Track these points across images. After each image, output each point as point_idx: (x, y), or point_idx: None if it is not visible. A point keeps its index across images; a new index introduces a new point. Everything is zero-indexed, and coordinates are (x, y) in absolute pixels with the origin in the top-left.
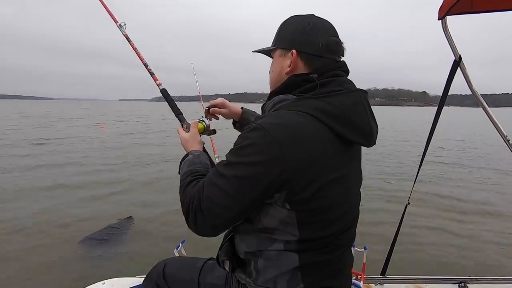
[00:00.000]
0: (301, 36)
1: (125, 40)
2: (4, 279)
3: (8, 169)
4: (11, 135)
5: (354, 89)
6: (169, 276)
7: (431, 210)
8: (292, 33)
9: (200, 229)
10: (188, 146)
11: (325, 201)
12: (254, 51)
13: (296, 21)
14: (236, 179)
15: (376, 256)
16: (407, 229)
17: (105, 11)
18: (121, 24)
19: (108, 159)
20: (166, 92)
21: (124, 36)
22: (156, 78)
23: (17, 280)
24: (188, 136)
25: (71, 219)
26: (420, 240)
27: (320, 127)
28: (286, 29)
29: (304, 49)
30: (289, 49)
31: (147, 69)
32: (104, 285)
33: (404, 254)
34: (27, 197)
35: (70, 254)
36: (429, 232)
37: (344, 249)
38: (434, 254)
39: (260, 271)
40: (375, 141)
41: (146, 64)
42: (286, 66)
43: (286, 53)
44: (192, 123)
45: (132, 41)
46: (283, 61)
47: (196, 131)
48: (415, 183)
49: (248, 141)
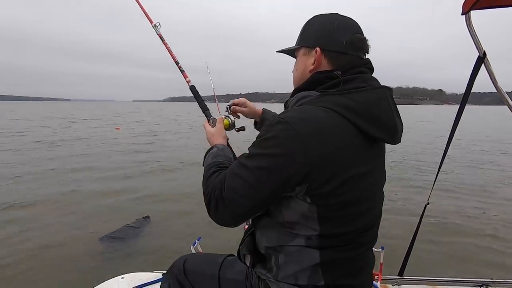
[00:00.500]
0: (325, 34)
1: (159, 39)
2: (30, 271)
3: (31, 172)
4: (33, 137)
5: (379, 86)
6: (190, 271)
7: (451, 209)
8: (316, 31)
9: (221, 218)
10: (213, 140)
11: (348, 196)
12: (278, 51)
13: (320, 19)
14: (258, 170)
15: (393, 256)
16: (426, 228)
17: (141, 11)
18: (156, 24)
19: (126, 161)
20: (195, 89)
21: (158, 36)
22: (186, 75)
23: (42, 273)
24: (213, 131)
25: (92, 219)
26: (439, 240)
27: (343, 123)
28: (310, 28)
29: (328, 46)
30: (313, 47)
31: (178, 66)
32: (123, 279)
33: (423, 254)
34: (51, 199)
35: (91, 251)
36: (449, 232)
37: (366, 248)
38: (454, 255)
39: (280, 266)
40: (400, 139)
41: (177, 61)
42: (310, 64)
43: (310, 51)
44: (218, 118)
45: (165, 40)
46: (307, 59)
47: (221, 126)
48: (435, 183)
49: (271, 133)
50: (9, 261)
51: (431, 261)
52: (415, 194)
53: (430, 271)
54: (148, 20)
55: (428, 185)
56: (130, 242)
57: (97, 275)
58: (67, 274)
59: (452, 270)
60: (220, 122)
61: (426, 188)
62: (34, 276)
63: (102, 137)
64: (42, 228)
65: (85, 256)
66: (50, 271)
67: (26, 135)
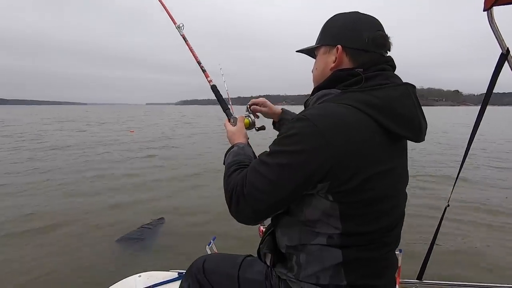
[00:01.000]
0: (346, 31)
1: (182, 40)
2: (50, 270)
3: (54, 174)
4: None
5: (401, 83)
6: (209, 271)
7: (473, 211)
8: (337, 29)
9: (241, 214)
10: (234, 138)
11: (371, 194)
12: (298, 50)
13: (341, 18)
14: (279, 167)
15: (412, 259)
16: (447, 230)
17: (165, 12)
18: (179, 25)
19: (141, 163)
20: (216, 88)
21: (182, 36)
22: (208, 75)
23: (61, 272)
24: (234, 129)
25: (108, 220)
26: (460, 242)
27: (365, 119)
28: (331, 27)
29: (349, 44)
30: (333, 45)
31: (200, 66)
32: (140, 278)
33: (443, 257)
34: (70, 201)
35: (109, 251)
36: (470, 235)
37: (390, 249)
38: (476, 259)
39: (302, 265)
40: (424, 137)
41: (199, 62)
42: (331, 62)
43: (330, 49)
44: (239, 118)
45: (188, 41)
46: (328, 57)
47: (242, 125)
48: (456, 184)
49: (292, 131)
50: (33, 260)
51: (452, 265)
52: (435, 194)
53: (451, 275)
54: (172, 21)
55: (448, 186)
56: (146, 242)
57: (115, 273)
58: (87, 272)
59: (474, 274)
60: (241, 121)
61: (446, 189)
62: (57, 273)
63: (116, 141)
64: (63, 228)
65: (103, 256)
66: (71, 269)
67: (44, 140)
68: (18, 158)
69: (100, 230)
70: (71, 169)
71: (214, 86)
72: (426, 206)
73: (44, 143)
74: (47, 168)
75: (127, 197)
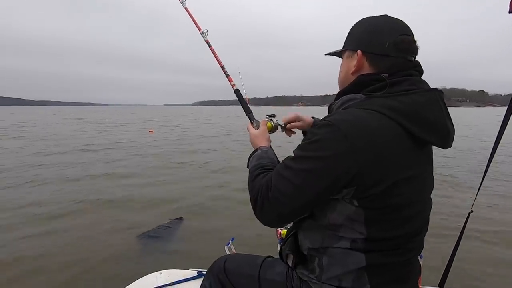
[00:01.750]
0: (366, 36)
1: (206, 45)
2: (71, 265)
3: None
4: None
5: (429, 88)
6: (230, 270)
7: (497, 218)
8: (359, 34)
9: (266, 217)
10: (257, 142)
11: (396, 200)
12: (327, 54)
13: (365, 22)
14: (304, 172)
15: (433, 265)
16: (471, 234)
17: (190, 19)
18: (203, 31)
19: (159, 163)
20: (239, 92)
21: (206, 42)
22: (231, 79)
23: (82, 267)
24: (257, 133)
25: (130, 219)
26: (483, 250)
27: (390, 125)
28: (354, 31)
29: (369, 49)
30: (355, 49)
31: (224, 71)
32: (161, 275)
33: (466, 265)
34: (90, 202)
35: (130, 248)
36: (495, 242)
37: (413, 254)
38: (501, 268)
39: (324, 268)
40: (451, 143)
41: (223, 66)
42: (352, 67)
43: (352, 54)
44: (262, 121)
45: (212, 46)
46: (350, 62)
47: (265, 128)
48: (480, 189)
49: (317, 136)
50: (58, 256)
51: (475, 273)
52: (459, 200)
53: (474, 283)
54: (197, 28)
55: (472, 191)
56: (165, 241)
57: (137, 270)
58: (110, 269)
59: (501, 283)
60: (264, 125)
61: (470, 194)
62: (80, 269)
63: (137, 142)
64: (87, 227)
65: (125, 254)
66: (94, 266)
67: (75, 140)
68: (65, 152)
69: (121, 227)
70: (86, 168)
71: (237, 90)
72: (451, 211)
73: (76, 143)
74: (70, 164)
75: (146, 197)
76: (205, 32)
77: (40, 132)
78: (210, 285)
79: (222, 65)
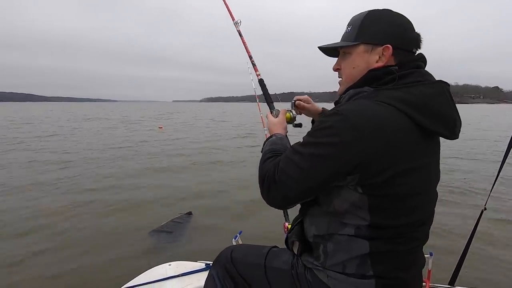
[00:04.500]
0: (396, 31)
1: (238, 35)
2: (87, 256)
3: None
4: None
5: (435, 80)
6: (236, 260)
7: (510, 216)
8: (384, 27)
9: (272, 198)
10: (274, 129)
11: (400, 189)
12: (321, 46)
13: (382, 16)
14: (311, 157)
15: (444, 263)
16: (484, 230)
17: (225, 8)
18: (237, 21)
19: (170, 160)
20: (263, 82)
21: (238, 32)
22: (257, 69)
23: (97, 258)
24: (275, 121)
25: (143, 214)
26: (497, 248)
27: (399, 116)
28: (373, 24)
29: (399, 44)
30: (381, 44)
31: (251, 61)
32: (170, 266)
33: (477, 263)
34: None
35: (141, 242)
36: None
37: (418, 244)
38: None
39: (329, 254)
40: (458, 134)
41: (250, 56)
42: (374, 61)
43: (374, 48)
44: (282, 110)
45: (243, 36)
46: (370, 56)
47: (283, 118)
48: (494, 187)
49: (326, 124)
50: (73, 247)
51: (486, 271)
52: (472, 197)
53: (484, 282)
54: (231, 17)
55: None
56: (176, 235)
57: (148, 261)
58: (122, 260)
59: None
60: (283, 114)
61: (483, 192)
62: (95, 260)
63: (147, 140)
64: (100, 219)
65: (137, 246)
66: (102, 257)
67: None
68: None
69: (135, 221)
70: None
71: (262, 80)
72: (464, 207)
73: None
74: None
75: (157, 192)
76: (238, 22)
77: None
78: (217, 274)
79: (250, 55)
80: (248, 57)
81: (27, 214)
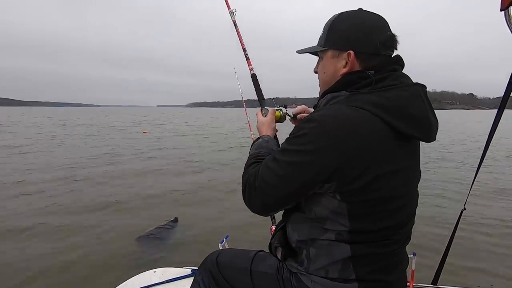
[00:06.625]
0: (357, 36)
1: (233, 25)
2: (70, 262)
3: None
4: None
5: (411, 83)
6: (222, 264)
7: (489, 215)
8: (346, 33)
9: (253, 204)
10: (262, 130)
11: (379, 194)
12: (300, 51)
13: (348, 19)
14: (287, 164)
15: (427, 263)
16: (462, 234)
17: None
18: (232, 10)
19: (154, 164)
20: (255, 77)
21: (232, 22)
22: (250, 63)
23: (81, 264)
24: (264, 121)
25: (130, 220)
26: (475, 247)
27: (374, 120)
28: (338, 29)
29: (361, 49)
30: (344, 50)
31: (245, 53)
32: (155, 273)
33: (458, 261)
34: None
35: (126, 248)
36: (487, 239)
37: (399, 246)
38: (492, 264)
39: (311, 259)
40: (435, 137)
41: (244, 49)
42: (341, 67)
43: (340, 53)
44: (271, 110)
45: (238, 27)
46: (337, 62)
47: (272, 117)
48: (472, 188)
49: (302, 131)
50: (60, 256)
51: (468, 269)
52: (451, 198)
53: (467, 280)
54: (226, 5)
55: (465, 189)
56: (161, 241)
57: (132, 269)
58: (106, 267)
59: (491, 279)
60: (272, 114)
61: (462, 193)
62: (80, 267)
63: (134, 144)
64: (84, 225)
65: (121, 253)
66: (93, 264)
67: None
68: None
69: (122, 228)
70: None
71: (254, 75)
72: (443, 208)
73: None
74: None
75: (143, 199)
76: (234, 12)
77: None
78: (202, 280)
79: (244, 48)
80: (242, 50)
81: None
